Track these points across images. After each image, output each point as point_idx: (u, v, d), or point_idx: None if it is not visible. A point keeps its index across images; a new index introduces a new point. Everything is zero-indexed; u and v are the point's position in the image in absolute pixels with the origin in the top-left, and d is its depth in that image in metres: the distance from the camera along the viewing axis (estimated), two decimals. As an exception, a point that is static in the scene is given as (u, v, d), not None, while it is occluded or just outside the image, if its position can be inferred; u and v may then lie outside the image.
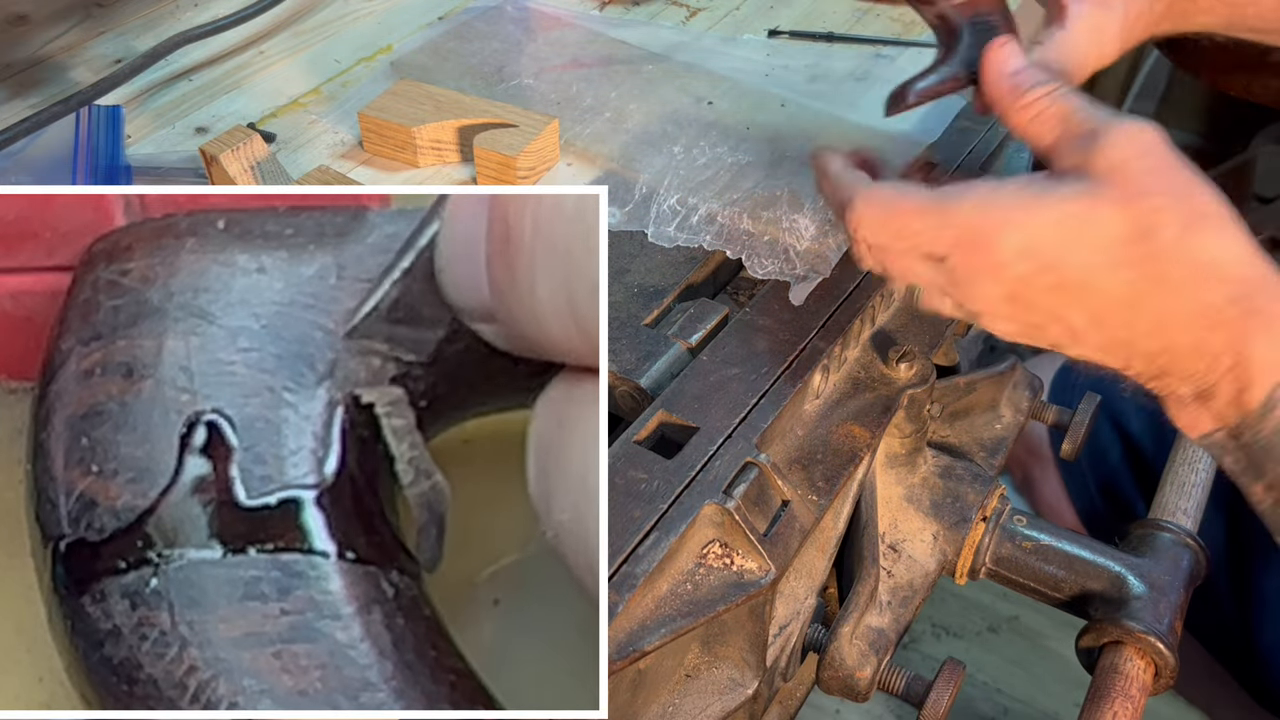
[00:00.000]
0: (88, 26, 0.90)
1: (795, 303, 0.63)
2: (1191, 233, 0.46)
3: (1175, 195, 0.47)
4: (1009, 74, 0.52)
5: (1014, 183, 0.48)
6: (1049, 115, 0.50)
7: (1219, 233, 0.46)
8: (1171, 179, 0.47)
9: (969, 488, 0.69)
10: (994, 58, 0.52)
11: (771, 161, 0.74)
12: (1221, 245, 0.46)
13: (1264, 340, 0.45)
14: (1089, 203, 0.46)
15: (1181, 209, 0.46)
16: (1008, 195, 0.47)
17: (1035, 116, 0.50)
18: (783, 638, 0.59)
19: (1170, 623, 0.63)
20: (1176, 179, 0.47)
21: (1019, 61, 0.52)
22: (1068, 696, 1.44)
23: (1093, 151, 0.47)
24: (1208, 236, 0.46)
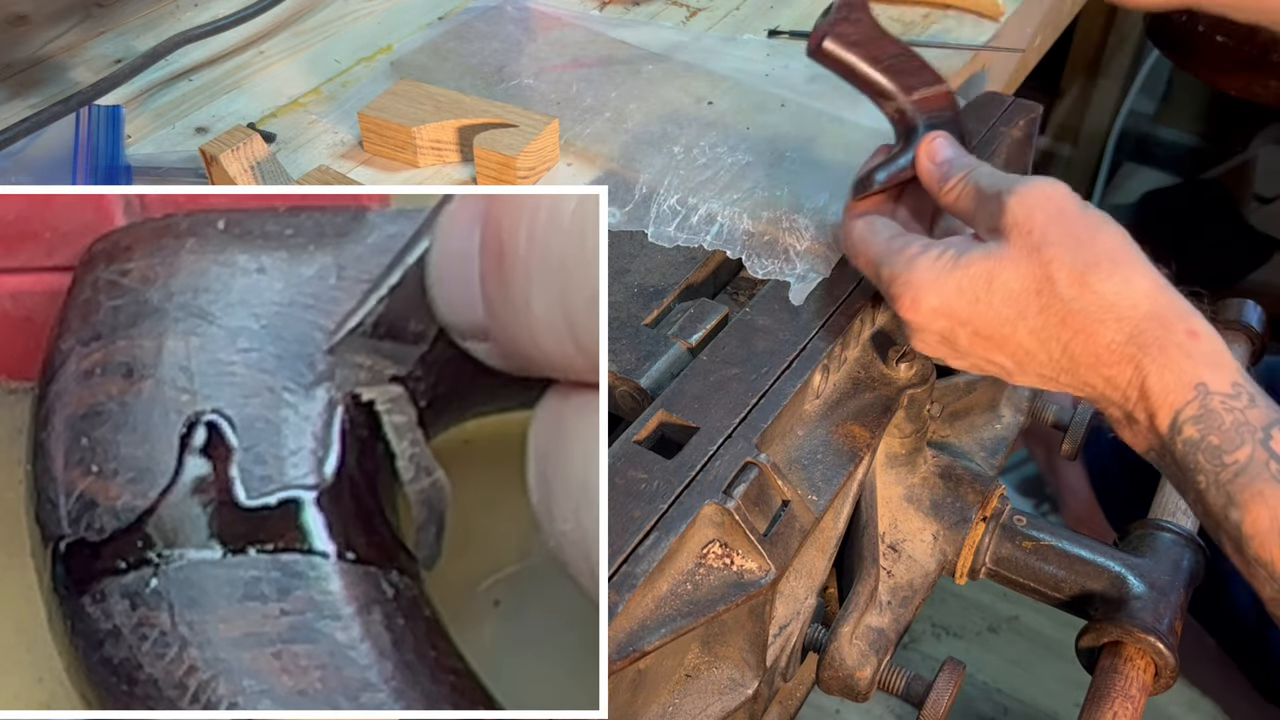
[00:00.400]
0: (88, 26, 0.90)
1: (795, 303, 0.63)
2: (1087, 277, 0.51)
3: (1071, 244, 0.52)
4: (936, 164, 0.59)
5: (937, 248, 0.55)
6: (966, 193, 0.57)
7: (1113, 274, 0.51)
8: (1068, 228, 0.52)
9: (969, 488, 0.69)
10: (924, 151, 0.60)
11: (771, 161, 0.74)
12: (1116, 286, 0.51)
13: (1159, 372, 0.51)
14: (994, 264, 0.53)
15: (1077, 256, 0.52)
16: (927, 263, 0.55)
17: (957, 197, 0.57)
18: (783, 638, 0.59)
19: (1170, 623, 0.63)
20: (1074, 228, 0.52)
21: (945, 153, 0.59)
22: (1068, 696, 1.44)
23: (1000, 214, 0.54)
24: (1105, 280, 0.51)
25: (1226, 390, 0.50)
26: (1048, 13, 1.00)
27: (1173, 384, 0.51)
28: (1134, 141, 2.16)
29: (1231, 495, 0.50)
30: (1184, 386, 0.50)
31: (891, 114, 0.61)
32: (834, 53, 0.59)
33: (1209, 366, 0.51)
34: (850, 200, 0.62)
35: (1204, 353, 0.51)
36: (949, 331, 0.55)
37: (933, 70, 0.61)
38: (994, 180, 0.56)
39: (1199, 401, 0.50)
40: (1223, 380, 0.51)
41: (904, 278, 0.55)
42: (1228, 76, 1.57)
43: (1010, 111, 0.77)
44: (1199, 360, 0.50)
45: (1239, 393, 0.50)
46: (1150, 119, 2.17)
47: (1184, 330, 0.51)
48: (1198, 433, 0.50)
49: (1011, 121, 0.77)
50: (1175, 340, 0.51)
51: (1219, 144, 2.04)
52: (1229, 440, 0.50)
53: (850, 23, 0.59)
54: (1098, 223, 0.53)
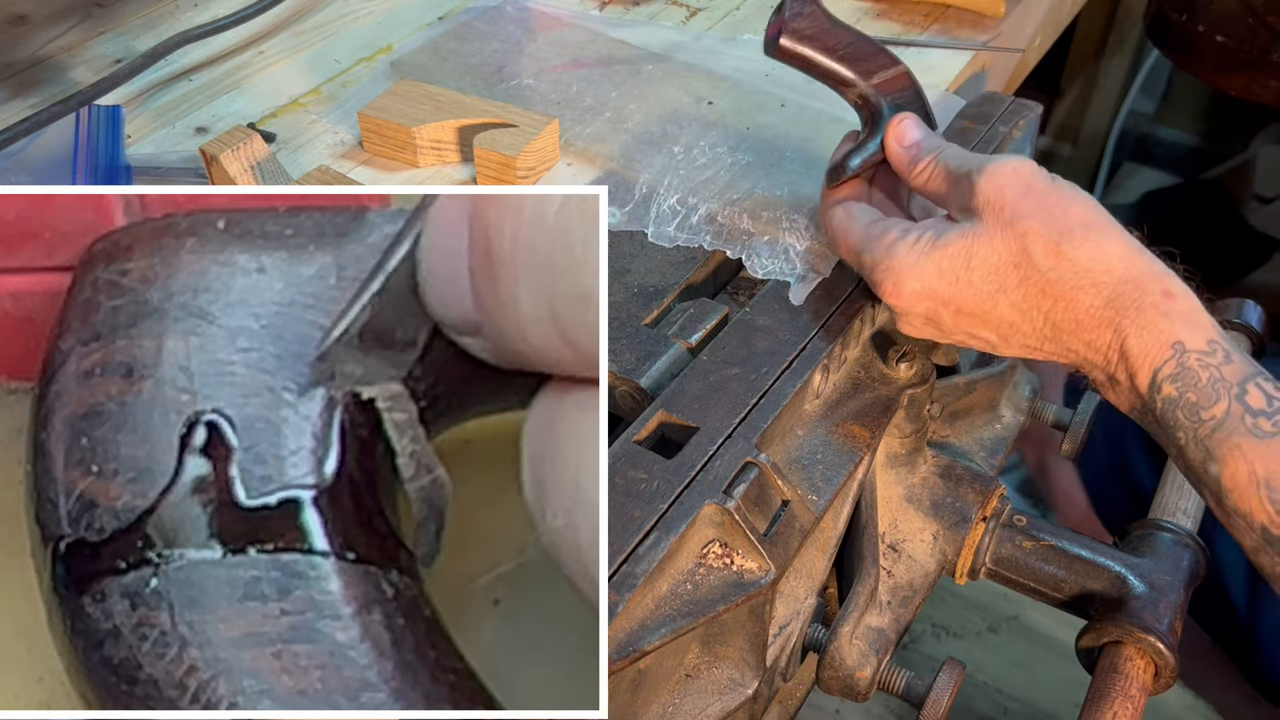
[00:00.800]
0: (88, 26, 0.90)
1: (795, 303, 0.63)
2: (1062, 247, 0.53)
3: (1044, 215, 0.53)
4: (905, 147, 0.60)
5: (915, 232, 0.56)
6: (936, 175, 0.58)
7: (1086, 241, 0.53)
8: (1040, 201, 0.54)
9: (969, 488, 0.69)
10: (892, 134, 0.60)
11: (771, 161, 0.74)
12: (1090, 253, 0.53)
13: (1137, 332, 0.52)
14: (970, 241, 0.54)
15: (1051, 226, 0.53)
16: (905, 247, 0.56)
17: (928, 179, 0.58)
18: (783, 638, 0.59)
19: (1170, 623, 0.63)
20: (1046, 200, 0.54)
21: (913, 135, 0.60)
22: (1068, 696, 1.44)
23: (971, 192, 0.55)
24: (1077, 247, 0.53)
25: (1202, 348, 0.52)
26: (1048, 13, 1.00)
27: (1150, 344, 0.52)
28: (1134, 141, 2.16)
29: (1210, 450, 0.51)
30: (1161, 346, 0.52)
31: (854, 100, 0.62)
32: (790, 48, 0.61)
33: (1185, 325, 0.52)
34: (825, 188, 0.63)
35: (1179, 312, 0.52)
36: (933, 312, 0.57)
37: (888, 53, 0.62)
38: (962, 160, 0.57)
39: (1176, 360, 0.52)
40: (1198, 338, 0.52)
41: (885, 264, 0.56)
42: (1228, 76, 1.57)
43: (1010, 111, 0.77)
44: (1175, 319, 0.52)
45: (1214, 349, 0.52)
46: (1150, 119, 2.17)
47: (1159, 291, 0.52)
48: (1176, 390, 0.52)
49: (1011, 121, 0.77)
50: (1151, 301, 0.52)
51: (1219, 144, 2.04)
52: (1205, 396, 0.51)
53: (803, 17, 0.61)
54: (1068, 193, 0.54)
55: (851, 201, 0.62)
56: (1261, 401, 0.51)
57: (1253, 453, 0.50)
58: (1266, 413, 0.51)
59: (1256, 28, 1.13)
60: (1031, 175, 0.55)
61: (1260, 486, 0.50)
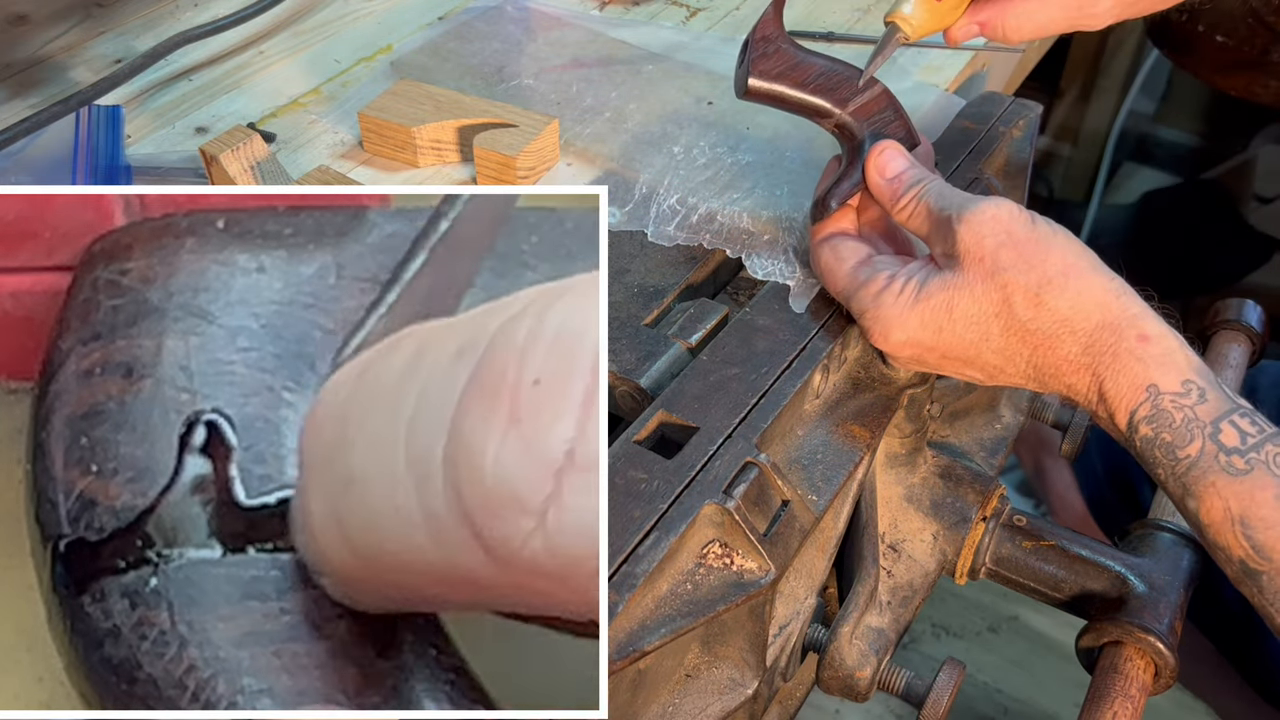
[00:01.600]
0: (88, 26, 0.90)
1: (796, 310, 0.63)
2: (1042, 296, 0.54)
3: (1024, 266, 0.54)
4: (887, 180, 0.60)
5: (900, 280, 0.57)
6: (918, 212, 0.58)
7: (1065, 290, 0.54)
8: (1019, 251, 0.55)
9: (969, 488, 0.69)
10: (873, 165, 0.60)
11: (771, 161, 0.74)
12: (1070, 301, 0.54)
13: (1113, 376, 0.54)
14: (952, 293, 0.56)
15: (1030, 278, 0.54)
16: (890, 299, 0.57)
17: (910, 214, 0.59)
18: (783, 638, 0.59)
19: (1170, 623, 0.63)
20: (1024, 249, 0.55)
21: (895, 166, 0.60)
22: (1068, 696, 1.44)
23: (953, 239, 0.56)
24: (1058, 296, 0.54)
25: (1176, 389, 0.53)
26: (1048, 13, 1.00)
27: (1125, 387, 0.54)
28: (1134, 141, 2.16)
29: (1187, 486, 0.53)
30: (1136, 389, 0.53)
31: (833, 129, 0.62)
32: (761, 89, 0.61)
33: (1159, 368, 0.53)
34: (810, 224, 0.63)
35: (1154, 355, 0.53)
36: (919, 357, 0.58)
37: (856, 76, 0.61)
38: (942, 201, 0.57)
39: (1150, 402, 0.53)
40: (1173, 380, 0.53)
41: (871, 313, 0.58)
42: (1228, 76, 1.57)
43: (1010, 111, 0.77)
44: (1149, 363, 0.53)
45: (1189, 390, 0.53)
46: (1150, 119, 2.17)
47: (1134, 336, 0.54)
48: (1151, 431, 0.53)
49: (1011, 121, 0.77)
50: (1126, 346, 0.54)
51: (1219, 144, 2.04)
52: (1180, 436, 0.53)
53: (768, 56, 0.60)
54: (1047, 239, 0.55)
55: (838, 238, 0.61)
56: (1235, 439, 0.52)
57: (1227, 490, 0.52)
58: (1240, 450, 0.52)
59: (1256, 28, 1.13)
60: (1010, 221, 0.55)
61: (1235, 523, 0.51)
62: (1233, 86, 1.58)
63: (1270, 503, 0.51)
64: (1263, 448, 0.52)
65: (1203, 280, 1.84)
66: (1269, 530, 0.51)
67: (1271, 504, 0.51)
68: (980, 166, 0.72)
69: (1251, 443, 0.52)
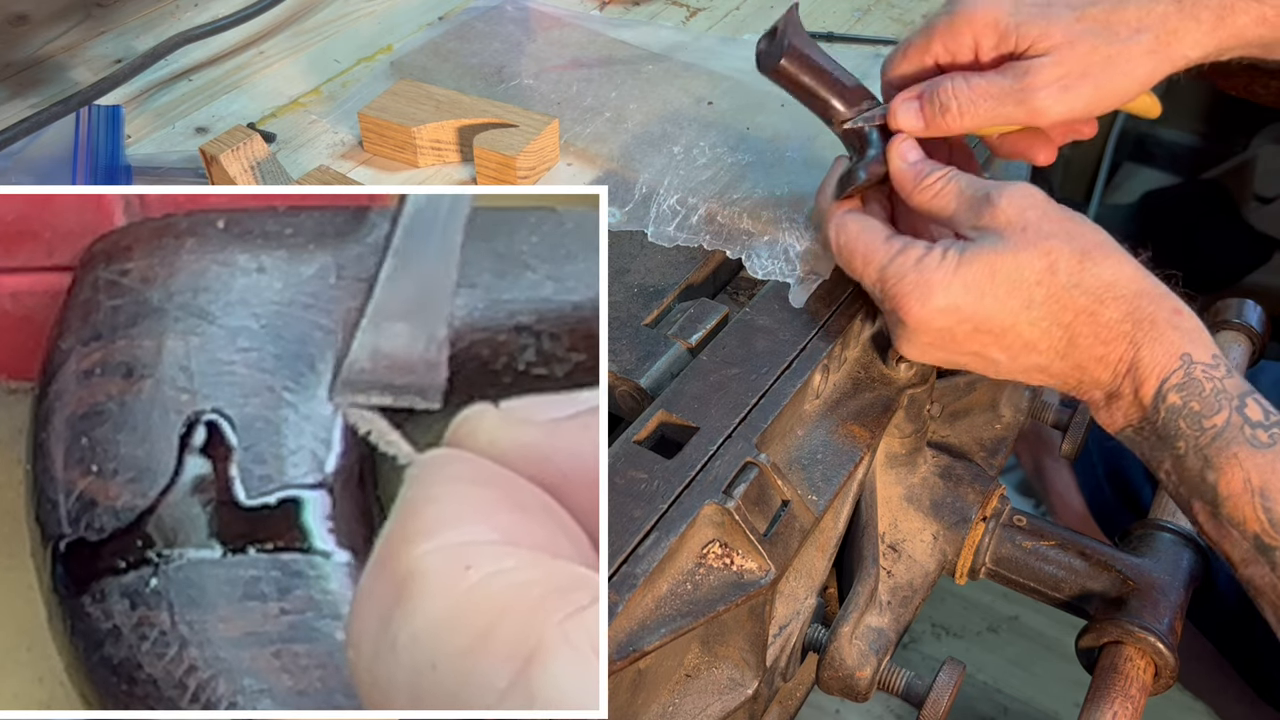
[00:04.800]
0: (88, 26, 0.90)
1: (796, 305, 0.63)
2: (1087, 263, 0.55)
3: (1066, 235, 0.56)
4: (910, 164, 0.61)
5: (939, 248, 0.57)
6: (946, 192, 0.59)
7: (1106, 259, 0.56)
8: (1060, 223, 0.56)
9: (969, 488, 0.69)
10: (895, 152, 0.61)
11: (771, 161, 0.74)
12: (1112, 269, 0.55)
13: (1150, 345, 0.55)
14: (995, 258, 0.56)
15: (1074, 245, 0.56)
16: (933, 262, 0.57)
17: (935, 195, 0.60)
18: (783, 638, 0.59)
19: (1170, 623, 0.63)
20: (1064, 223, 0.56)
21: (916, 153, 0.61)
22: (1068, 696, 1.44)
23: (991, 211, 0.57)
24: (1100, 264, 0.55)
25: (1207, 360, 0.54)
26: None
27: (1161, 355, 0.54)
28: (1134, 141, 2.16)
29: (1209, 458, 0.53)
30: (1171, 357, 0.54)
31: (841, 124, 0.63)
32: (790, 71, 0.62)
33: (1192, 339, 0.55)
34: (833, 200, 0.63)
35: (1188, 327, 0.55)
36: (949, 330, 0.57)
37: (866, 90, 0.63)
38: (976, 183, 0.59)
39: (1183, 370, 0.54)
40: (1204, 352, 0.55)
41: (913, 278, 0.57)
42: (1228, 76, 1.57)
43: (1010, 111, 0.77)
44: (1184, 333, 0.55)
45: (1218, 363, 0.55)
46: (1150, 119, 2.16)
47: (1170, 307, 0.55)
48: (1180, 399, 0.54)
49: (1011, 121, 0.76)
50: (1164, 316, 0.55)
51: (1219, 144, 2.04)
52: (1208, 405, 0.54)
53: (802, 42, 0.62)
54: (1080, 219, 0.57)
55: (861, 214, 0.62)
56: (1260, 415, 0.53)
57: (1249, 461, 0.52)
58: (1264, 425, 0.53)
59: (1256, 28, 1.13)
60: (1046, 200, 0.57)
61: (1255, 495, 0.52)
62: (1233, 86, 1.58)
63: None
64: None
65: (1203, 280, 1.84)
66: None
67: None
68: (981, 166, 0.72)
69: (1274, 419, 0.53)
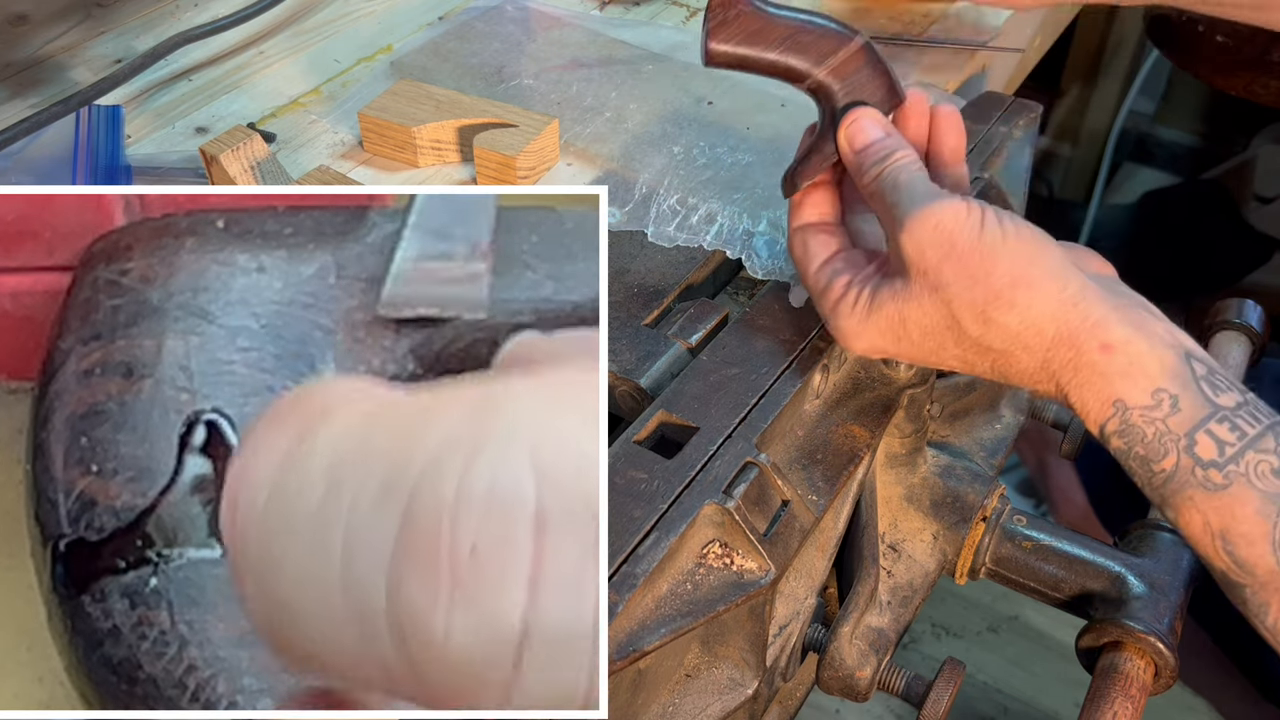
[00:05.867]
0: (88, 26, 0.90)
1: (795, 304, 0.63)
2: (989, 313, 0.51)
3: (967, 281, 0.51)
4: (856, 151, 0.57)
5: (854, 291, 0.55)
6: (878, 193, 0.55)
7: (1014, 306, 0.51)
8: (963, 265, 0.51)
9: (969, 488, 0.69)
10: (844, 136, 0.57)
11: (771, 161, 0.74)
12: (1019, 317, 0.51)
13: (1077, 391, 0.51)
14: (901, 305, 0.54)
15: (974, 294, 0.51)
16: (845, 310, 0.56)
17: (870, 195, 0.56)
18: (783, 638, 0.59)
19: (1170, 623, 0.63)
20: (967, 263, 0.51)
21: (865, 137, 0.56)
22: (1068, 696, 1.44)
23: (899, 240, 0.53)
24: (1005, 313, 0.51)
25: (1145, 402, 0.50)
26: (1048, 13, 1.00)
27: (1091, 402, 0.51)
28: (1134, 141, 2.16)
29: (1165, 498, 0.51)
30: (1102, 404, 0.51)
31: (809, 90, 0.59)
32: (722, 52, 0.57)
33: (1124, 380, 0.50)
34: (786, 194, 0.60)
35: (1118, 367, 0.50)
36: (891, 358, 0.58)
37: (839, 33, 0.57)
38: (896, 194, 0.54)
39: (1119, 417, 0.51)
40: (1141, 392, 0.50)
41: (832, 323, 0.57)
42: (1228, 76, 1.57)
43: (1010, 111, 0.77)
44: (1112, 376, 0.51)
45: (1159, 401, 0.50)
46: (1150, 119, 2.17)
47: (1096, 347, 0.51)
48: (1124, 444, 0.51)
49: (1011, 121, 0.77)
50: (1087, 360, 0.51)
51: (1219, 144, 2.04)
52: (1153, 451, 0.50)
53: (728, 22, 0.57)
54: (994, 248, 0.51)
55: (809, 231, 0.59)
56: (1212, 451, 0.49)
57: (1205, 505, 0.49)
58: (1218, 463, 0.49)
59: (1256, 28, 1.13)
60: (955, 230, 0.51)
61: (1215, 538, 0.50)
62: (1233, 86, 1.58)
63: (1251, 518, 0.48)
64: (1242, 457, 0.49)
65: (1203, 280, 1.84)
66: (1250, 546, 0.49)
67: (1252, 519, 0.48)
68: (981, 166, 0.72)
69: (1230, 453, 0.49)
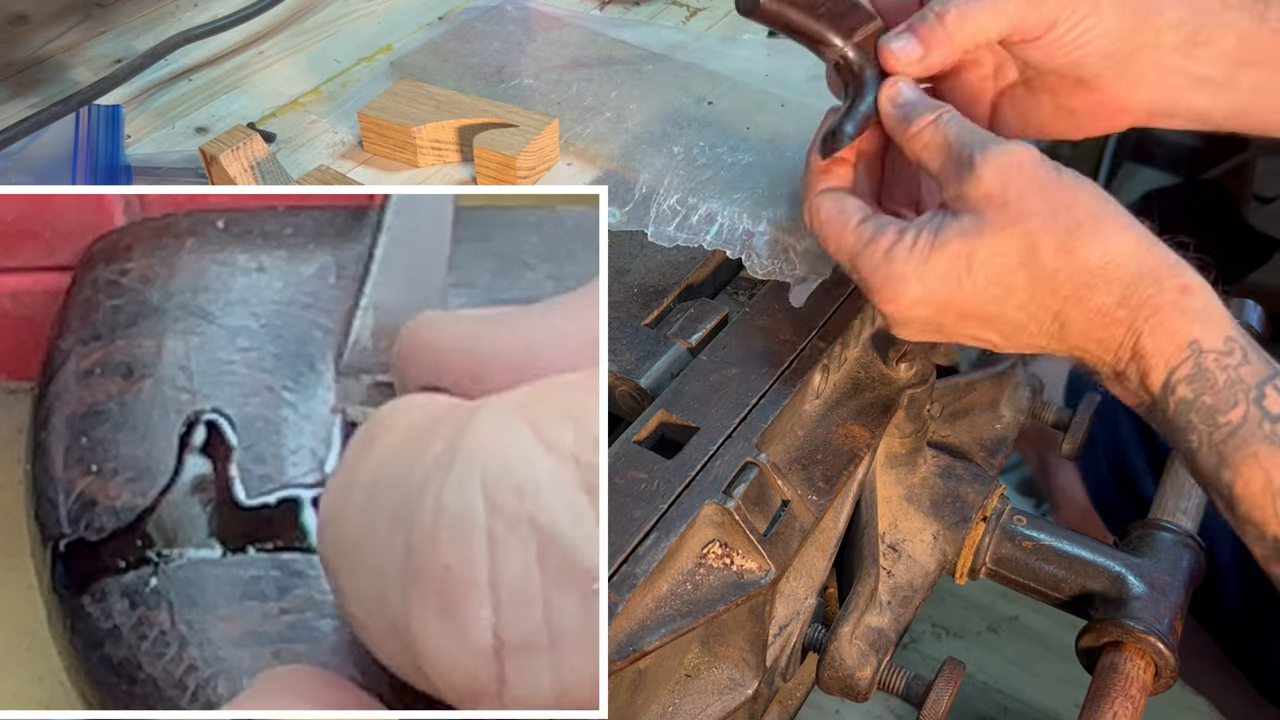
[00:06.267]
0: (88, 26, 0.90)
1: (795, 304, 0.63)
2: (1072, 244, 0.49)
3: (1049, 211, 0.50)
4: (899, 106, 0.55)
5: (910, 233, 0.52)
6: (933, 144, 0.53)
7: (1097, 236, 0.49)
8: (1045, 196, 0.50)
9: (969, 488, 0.69)
10: (885, 94, 0.56)
11: (771, 161, 0.74)
12: (1102, 249, 0.49)
13: (1152, 332, 0.49)
14: (972, 242, 0.51)
15: (1058, 223, 0.50)
16: (903, 253, 0.52)
17: (923, 146, 0.54)
18: (783, 638, 0.59)
19: (1170, 623, 0.63)
20: (1051, 195, 0.50)
21: (908, 94, 0.55)
22: (1068, 696, 1.44)
23: (971, 179, 0.51)
24: (1089, 244, 0.49)
25: (1220, 346, 0.49)
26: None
27: (1166, 343, 0.49)
28: (1134, 141, 2.16)
29: (1224, 455, 0.49)
30: (1177, 346, 0.49)
31: (835, 61, 0.58)
32: (770, 9, 0.56)
33: (1202, 322, 0.49)
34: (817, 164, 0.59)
35: (1196, 308, 0.49)
36: (932, 318, 0.53)
37: (865, 8, 0.58)
38: (964, 136, 0.52)
39: (1193, 360, 0.49)
40: (1216, 336, 0.49)
41: (883, 271, 0.53)
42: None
43: (1010, 111, 0.77)
44: (1192, 316, 0.49)
45: (1232, 348, 0.49)
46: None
47: (1175, 286, 0.49)
48: (1191, 392, 0.49)
49: (1011, 121, 0.76)
50: (1168, 298, 0.49)
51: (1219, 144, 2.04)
52: (1223, 400, 0.49)
53: None
54: (1073, 185, 0.51)
55: (839, 193, 0.57)
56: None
57: (1269, 460, 0.48)
58: None
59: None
60: (1035, 166, 0.51)
61: (1276, 497, 0.48)
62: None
63: None
64: None
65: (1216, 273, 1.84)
66: None
67: None
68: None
69: None
